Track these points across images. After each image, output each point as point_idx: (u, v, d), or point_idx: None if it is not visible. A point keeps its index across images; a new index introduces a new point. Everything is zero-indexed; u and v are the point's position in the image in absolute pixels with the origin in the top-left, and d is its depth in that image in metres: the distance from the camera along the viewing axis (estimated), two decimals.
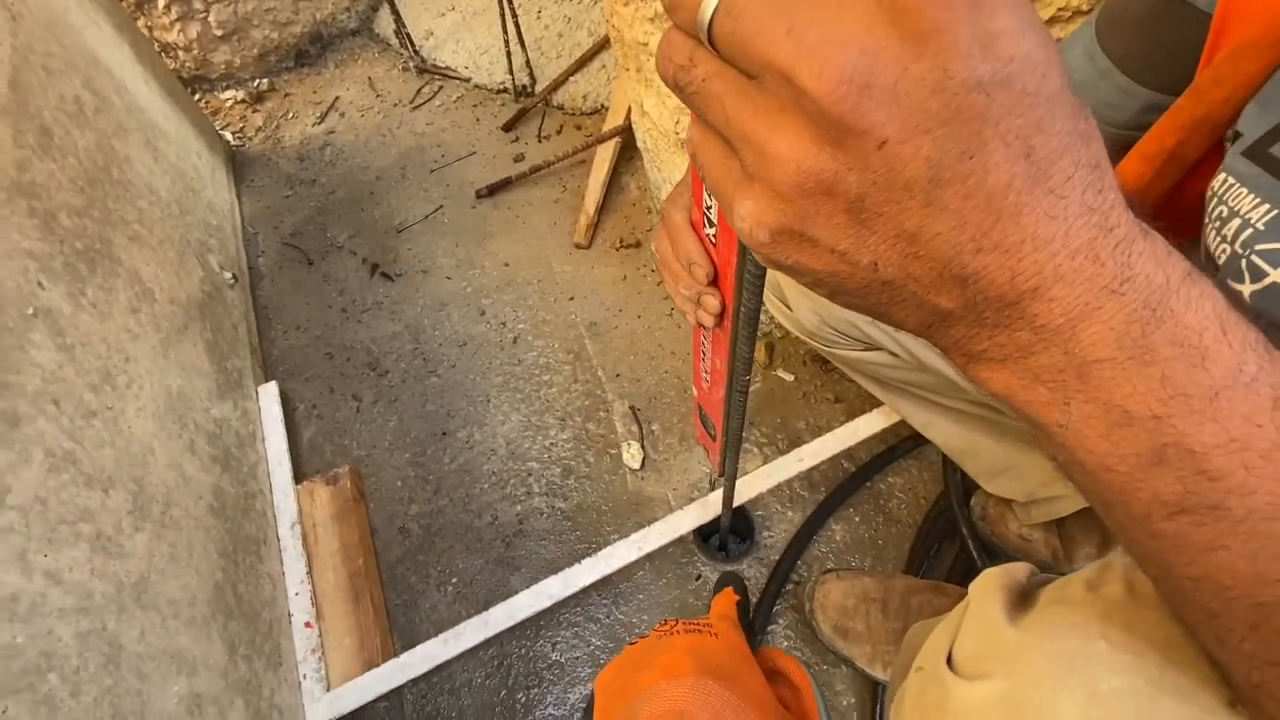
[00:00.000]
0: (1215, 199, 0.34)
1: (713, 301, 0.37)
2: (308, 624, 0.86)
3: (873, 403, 1.00)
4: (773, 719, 0.39)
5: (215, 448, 0.87)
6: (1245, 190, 0.32)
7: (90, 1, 1.14)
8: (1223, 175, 0.33)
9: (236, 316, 1.14)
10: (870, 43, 0.15)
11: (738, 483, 0.87)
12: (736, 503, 0.90)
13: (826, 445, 0.96)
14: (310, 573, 0.89)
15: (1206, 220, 0.37)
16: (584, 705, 0.41)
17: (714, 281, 0.38)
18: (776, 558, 0.89)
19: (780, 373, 1.07)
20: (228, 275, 1.17)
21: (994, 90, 0.16)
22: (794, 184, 0.18)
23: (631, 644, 0.43)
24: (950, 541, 0.88)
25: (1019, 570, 0.43)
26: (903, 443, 0.96)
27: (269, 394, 1.05)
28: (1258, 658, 0.22)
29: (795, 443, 1.00)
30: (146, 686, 0.58)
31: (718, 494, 0.94)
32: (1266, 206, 0.31)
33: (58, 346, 0.66)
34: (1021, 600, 0.40)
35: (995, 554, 0.83)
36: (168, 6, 1.54)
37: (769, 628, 0.85)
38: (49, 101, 0.86)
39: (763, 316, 1.11)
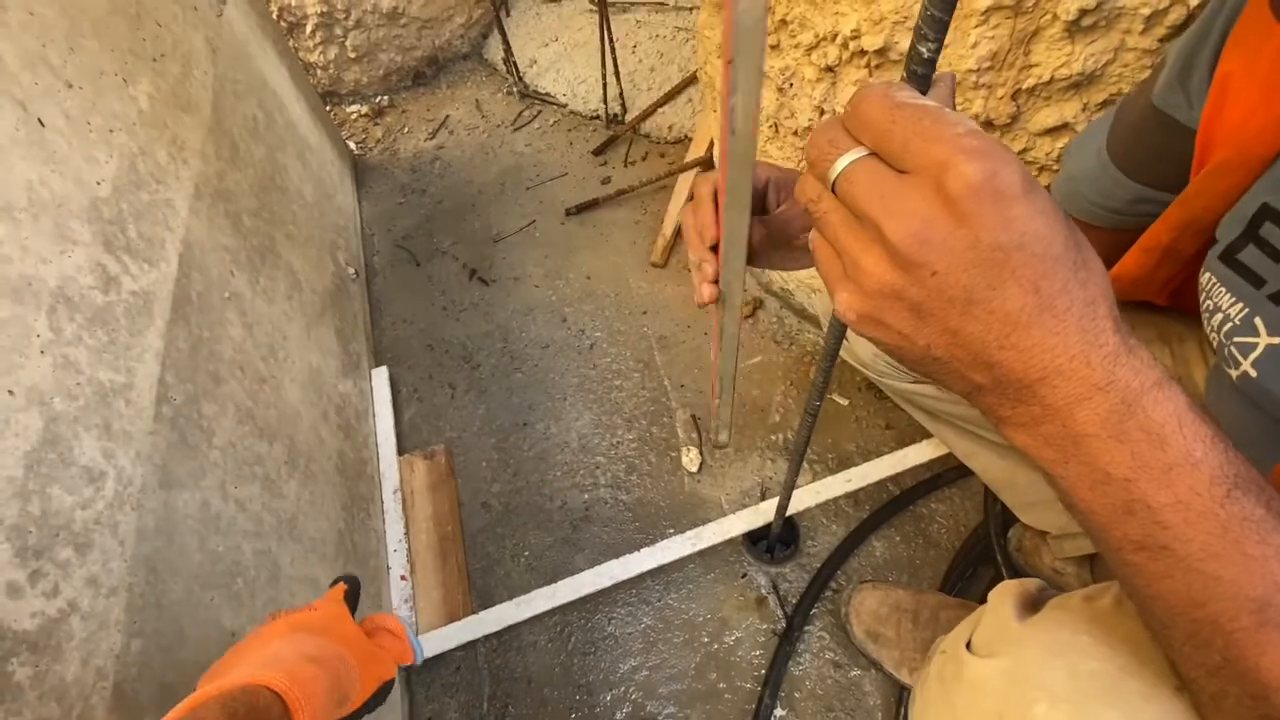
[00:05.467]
0: (1204, 294, 0.41)
1: (709, 269, 0.40)
2: (403, 577, 0.99)
3: (923, 433, 1.06)
4: (360, 652, 0.49)
5: (340, 418, 1.03)
6: (1224, 289, 0.39)
7: (261, 32, 1.35)
8: (1207, 274, 0.41)
9: (357, 307, 1.31)
10: (930, 215, 0.25)
11: None
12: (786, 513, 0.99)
13: (876, 469, 1.03)
14: (407, 533, 1.03)
15: (1203, 310, 0.44)
16: None
17: (715, 249, 0.40)
18: (818, 565, 0.97)
19: (835, 396, 1.15)
20: (351, 271, 1.35)
21: (1011, 251, 0.24)
22: (875, 289, 0.27)
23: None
24: (985, 567, 0.94)
25: (1031, 584, 0.51)
26: (948, 471, 1.02)
27: (381, 377, 1.21)
28: (1193, 661, 0.29)
29: (845, 463, 1.07)
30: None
31: (767, 503, 1.02)
32: (1241, 304, 0.38)
33: (243, 324, 0.82)
34: (1031, 606, 0.48)
35: None
36: (314, 32, 1.76)
37: (805, 627, 0.93)
38: (236, 121, 1.04)
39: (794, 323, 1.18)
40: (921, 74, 0.27)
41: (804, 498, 1.01)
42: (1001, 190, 0.24)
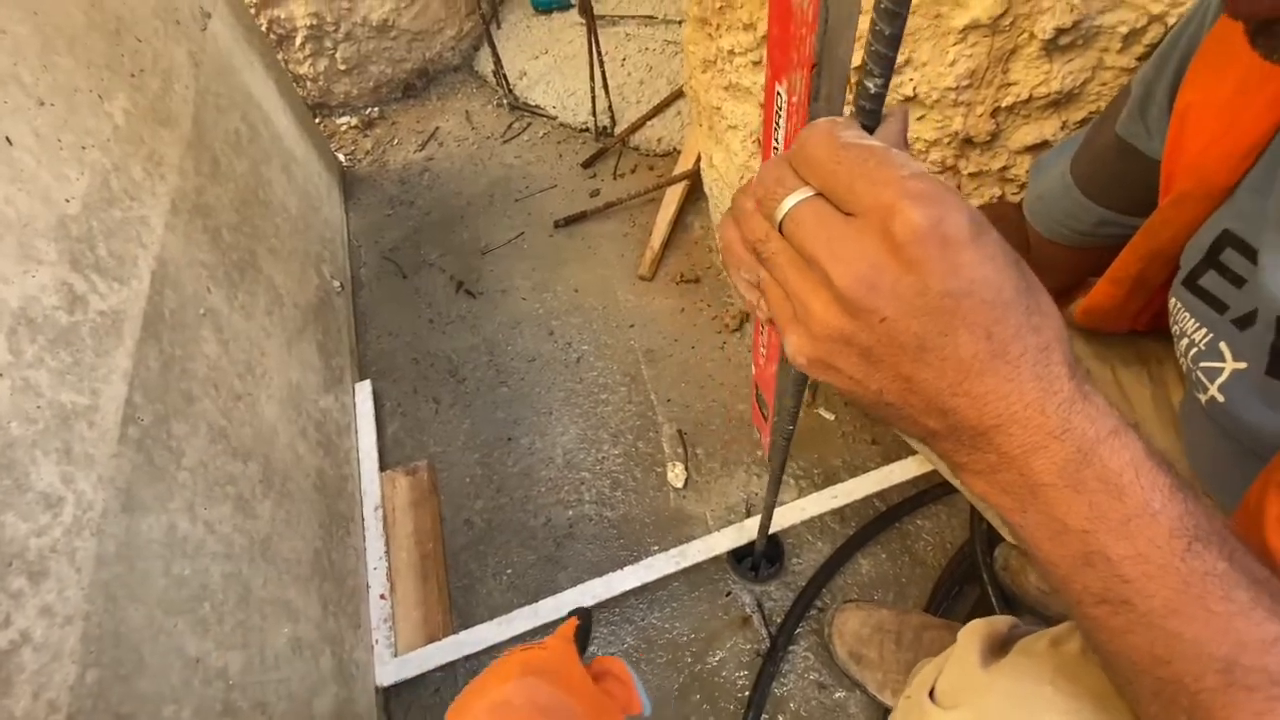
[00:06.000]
0: (1172, 319, 0.41)
1: None
2: (382, 596, 0.98)
3: (909, 449, 1.05)
4: (589, 702, 0.47)
5: (320, 434, 1.01)
6: (1189, 315, 0.39)
7: (248, 45, 1.34)
8: (1173, 299, 0.40)
9: (341, 321, 1.30)
10: (878, 260, 0.24)
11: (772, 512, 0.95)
12: (770, 530, 0.98)
13: (861, 486, 1.02)
14: (388, 551, 1.02)
15: (1174, 335, 0.44)
16: None
17: None
18: (803, 584, 0.96)
19: (822, 411, 1.14)
20: (336, 284, 1.34)
21: (960, 298, 0.24)
22: (823, 334, 0.26)
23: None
24: (971, 586, 0.93)
25: (1001, 623, 0.50)
26: (934, 488, 1.01)
27: (364, 391, 1.20)
28: (1159, 719, 0.28)
29: (831, 479, 1.06)
30: (266, 624, 0.70)
31: (753, 520, 1.01)
32: (1205, 330, 0.38)
33: (218, 341, 0.81)
34: (999, 648, 0.47)
35: (1014, 603, 0.88)
36: (303, 44, 1.76)
37: (790, 647, 0.92)
38: (218, 135, 1.03)
39: None
40: (870, 109, 0.27)
41: (789, 515, 1.00)
42: (949, 236, 0.23)
